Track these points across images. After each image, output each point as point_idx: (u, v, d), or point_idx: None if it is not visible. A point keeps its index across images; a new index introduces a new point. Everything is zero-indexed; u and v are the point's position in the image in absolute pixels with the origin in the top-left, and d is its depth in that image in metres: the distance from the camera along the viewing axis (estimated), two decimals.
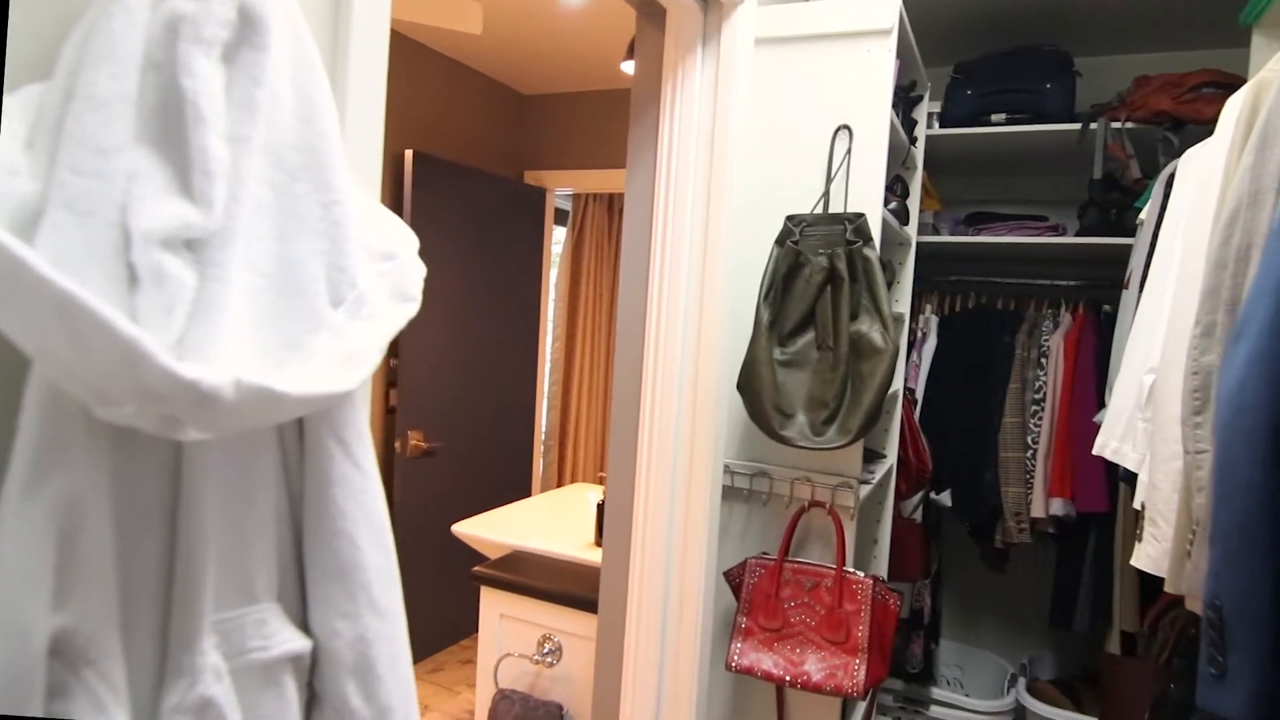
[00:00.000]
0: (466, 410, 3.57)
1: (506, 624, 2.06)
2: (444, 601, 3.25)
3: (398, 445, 3.24)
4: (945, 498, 2.46)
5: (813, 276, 1.62)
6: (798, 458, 1.72)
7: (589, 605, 1.87)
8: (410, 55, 3.26)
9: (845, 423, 1.58)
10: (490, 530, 2.31)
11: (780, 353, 1.65)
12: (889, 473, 2.14)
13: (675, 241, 1.64)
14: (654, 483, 1.71)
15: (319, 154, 0.64)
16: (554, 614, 1.98)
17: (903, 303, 2.22)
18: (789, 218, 1.66)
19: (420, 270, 0.72)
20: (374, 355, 0.63)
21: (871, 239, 1.61)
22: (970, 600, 2.83)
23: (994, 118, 2.32)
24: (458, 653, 3.56)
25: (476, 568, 2.08)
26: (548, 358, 4.14)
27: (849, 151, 1.68)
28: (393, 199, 3.21)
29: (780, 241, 1.65)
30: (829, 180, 1.69)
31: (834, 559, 1.69)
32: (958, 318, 2.67)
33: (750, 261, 1.71)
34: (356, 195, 0.70)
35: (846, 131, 1.69)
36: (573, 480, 4.14)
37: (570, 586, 1.98)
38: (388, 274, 0.69)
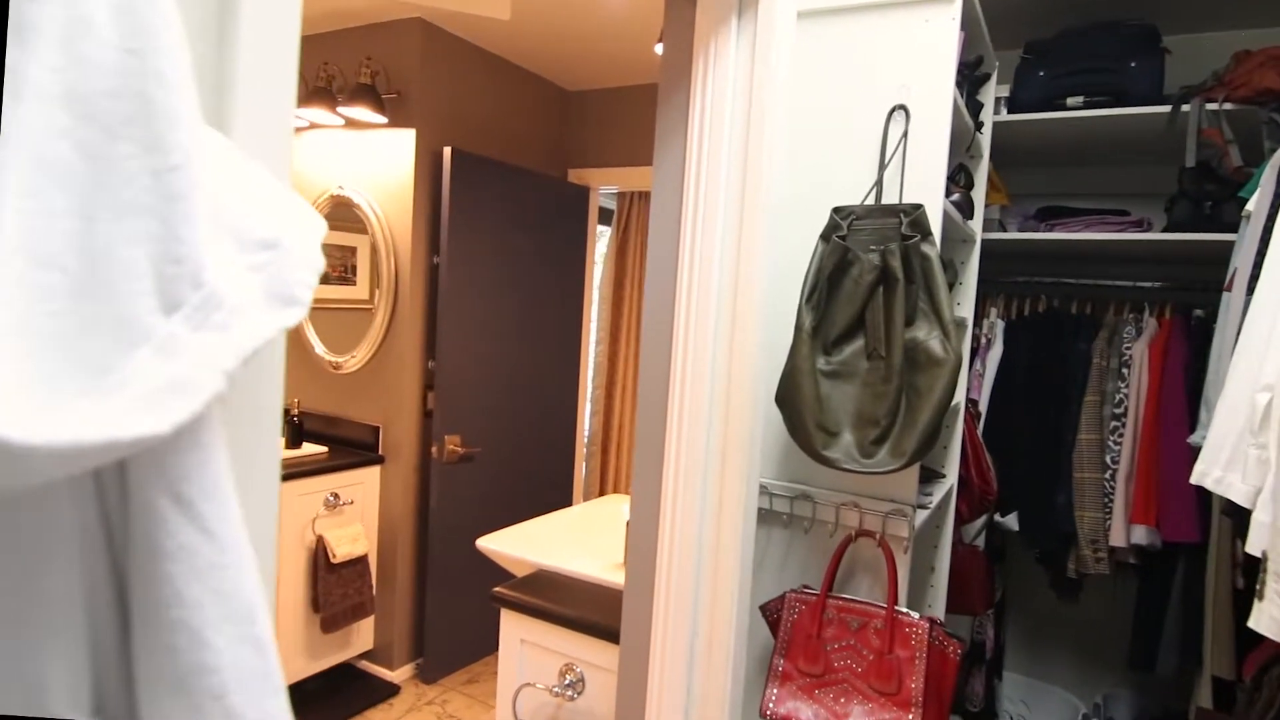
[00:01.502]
0: (506, 414, 3.41)
1: (527, 650, 1.87)
2: (479, 611, 3.09)
3: (434, 450, 3.09)
4: (1011, 522, 2.19)
5: (862, 276, 1.39)
6: (844, 480, 1.50)
7: (614, 635, 1.68)
8: (449, 51, 3.11)
9: (899, 443, 1.35)
10: (515, 546, 2.13)
11: (824, 362, 1.43)
12: (948, 495, 1.89)
13: (706, 237, 1.43)
14: (681, 503, 1.50)
15: (152, 102, 0.45)
16: (577, 642, 1.79)
17: (965, 306, 1.97)
18: (835, 210, 1.43)
19: (312, 265, 0.53)
20: (214, 380, 0.44)
21: (930, 233, 1.38)
22: (1038, 632, 2.54)
23: (1070, 101, 2.05)
24: (493, 663, 3.39)
25: (497, 588, 1.90)
26: (591, 360, 3.96)
27: (905, 135, 1.45)
28: (431, 198, 3.07)
29: (825, 237, 1.43)
30: (882, 168, 1.46)
31: (884, 596, 1.46)
32: (1027, 323, 2.39)
33: (791, 260, 1.49)
34: (223, 160, 0.51)
35: (902, 113, 1.46)
36: (616, 488, 3.96)
37: (594, 612, 1.78)
38: (263, 268, 0.50)
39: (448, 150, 3.00)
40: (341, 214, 3.22)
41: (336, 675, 3.16)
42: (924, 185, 1.44)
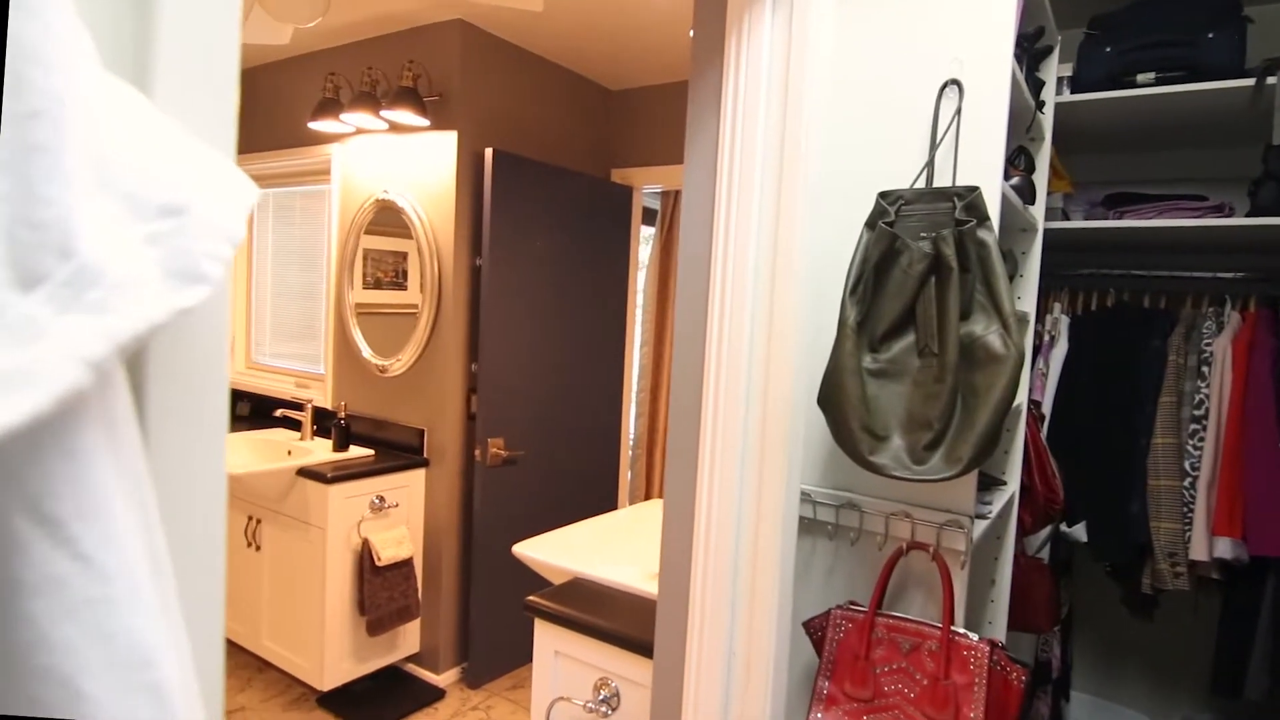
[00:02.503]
0: (549, 418, 3.33)
1: (562, 663, 1.77)
2: (524, 616, 2.99)
3: (478, 453, 3.02)
4: (1079, 532, 2.02)
5: (912, 266, 1.26)
6: (894, 488, 1.36)
7: (651, 649, 1.57)
8: (490, 52, 3.05)
9: (954, 448, 1.21)
10: (551, 553, 2.04)
11: (871, 360, 1.30)
12: (1010, 503, 1.73)
13: (740, 227, 1.32)
14: (716, 511, 1.39)
15: (14, 38, 0.36)
16: (612, 656, 1.68)
17: (1027, 300, 1.81)
18: (882, 194, 1.31)
19: (227, 236, 0.43)
20: (70, 373, 0.35)
21: (987, 218, 1.24)
22: (1109, 651, 2.35)
23: (1140, 78, 1.87)
24: None
25: (530, 597, 1.81)
26: (635, 363, 3.86)
27: (958, 112, 1.31)
28: (473, 200, 3.01)
29: (871, 224, 1.30)
30: (933, 148, 1.32)
31: (939, 614, 1.32)
32: (1094, 318, 2.21)
33: (833, 250, 1.37)
34: (123, 112, 0.42)
35: (955, 88, 1.32)
36: (661, 492, 3.84)
37: (631, 624, 1.68)
38: (164, 239, 0.41)
39: (489, 151, 2.94)
40: (387, 219, 3.18)
41: (383, 678, 3.12)
42: (980, 166, 1.30)
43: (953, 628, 1.29)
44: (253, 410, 3.84)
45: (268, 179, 3.88)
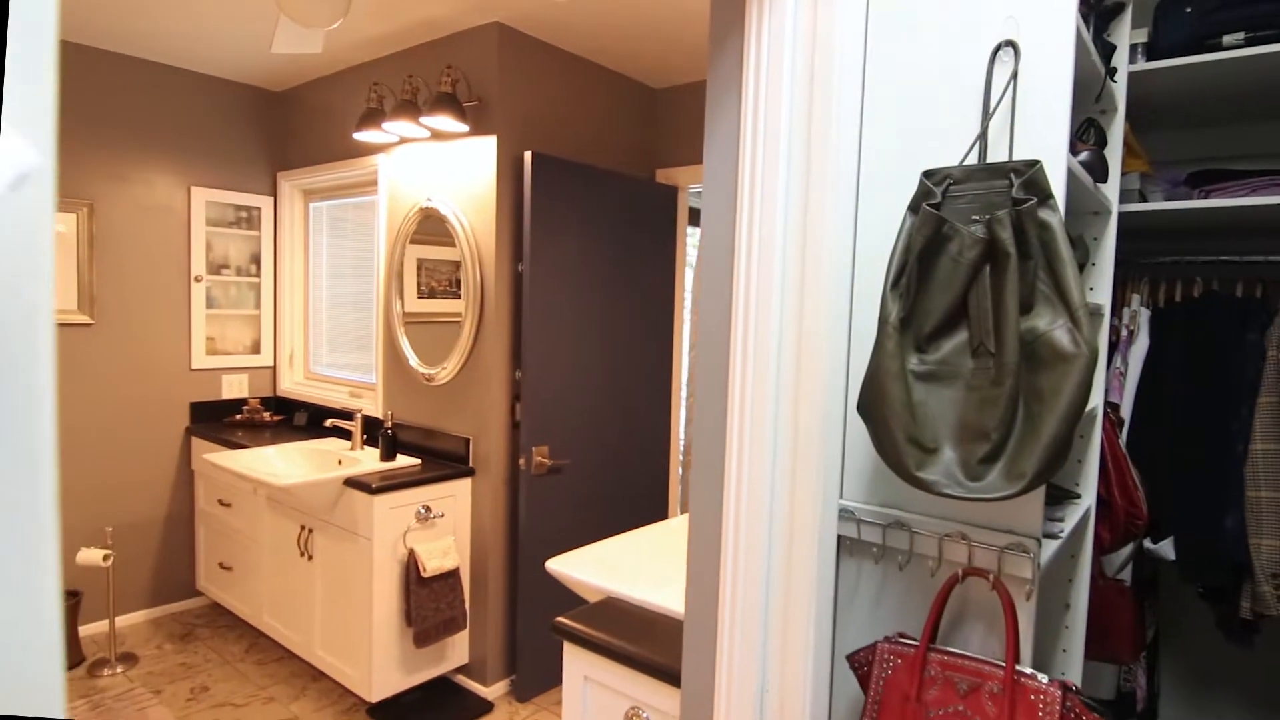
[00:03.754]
0: (595, 425, 3.20)
1: (592, 690, 1.63)
2: None
3: (522, 462, 2.91)
4: (1166, 549, 1.77)
5: (963, 253, 1.08)
6: (948, 505, 1.18)
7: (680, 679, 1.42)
8: (528, 53, 2.94)
9: (1016, 462, 1.03)
10: (585, 569, 1.90)
11: (917, 362, 1.12)
12: (1085, 518, 1.52)
13: (765, 217, 1.16)
14: (745, 530, 1.23)
15: None
16: (644, 685, 1.53)
17: (1101, 291, 1.60)
18: (926, 174, 1.13)
19: None
20: None
21: (1051, 196, 1.06)
22: (1201, 681, 2.08)
23: (1226, 40, 1.63)
24: None
25: (559, 618, 1.68)
26: (684, 367, 3.70)
27: (1014, 77, 1.13)
28: (513, 205, 2.90)
29: (914, 207, 1.13)
30: (986, 117, 1.14)
31: (1002, 650, 1.14)
32: (1179, 310, 1.96)
33: (871, 236, 1.20)
34: None
35: (1011, 50, 1.13)
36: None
37: (665, 650, 1.52)
38: None
39: (528, 155, 2.83)
40: (431, 227, 3.10)
41: (433, 689, 3.03)
42: (1041, 139, 1.11)
43: (1018, 667, 1.10)
44: (309, 420, 3.82)
45: (321, 192, 3.87)
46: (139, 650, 3.39)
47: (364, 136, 3.10)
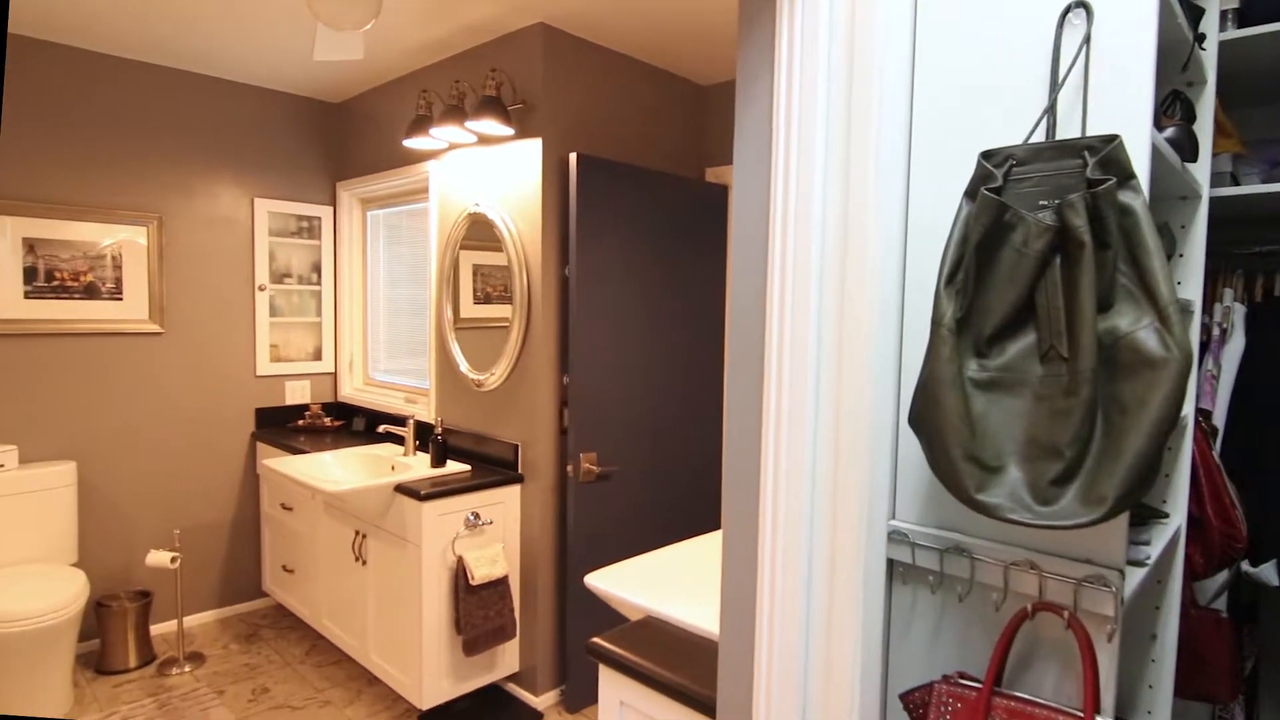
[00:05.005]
0: (645, 431, 3.08)
1: (629, 716, 1.52)
2: None
3: (570, 469, 2.82)
4: (1268, 573, 1.56)
5: (1029, 243, 0.93)
6: (1014, 529, 1.03)
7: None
8: (573, 53, 2.85)
9: (1094, 483, 0.87)
10: (625, 586, 1.79)
11: (977, 368, 0.97)
12: (1174, 540, 1.33)
13: (801, 207, 1.03)
14: (782, 552, 1.10)
15: None
16: (682, 716, 1.41)
17: (1189, 285, 1.41)
18: (985, 155, 0.98)
19: None
20: None
21: (1133, 176, 0.90)
22: None
23: None
24: None
25: (595, 639, 1.56)
26: None
27: (1087, 40, 0.97)
28: (559, 208, 2.81)
29: (971, 192, 0.98)
30: (1054, 88, 0.98)
31: (1079, 695, 0.98)
32: (1277, 306, 1.74)
33: (924, 226, 1.05)
34: None
35: (1082, 11, 0.98)
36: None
37: (704, 678, 1.40)
38: None
39: (573, 156, 2.74)
40: (479, 232, 3.04)
41: (484, 697, 2.96)
42: (1119, 111, 0.95)
43: (1098, 717, 0.94)
44: (367, 425, 3.81)
45: (378, 200, 3.86)
46: (206, 650, 3.42)
47: (414, 143, 3.06)
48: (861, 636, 1.06)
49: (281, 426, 3.88)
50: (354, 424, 3.88)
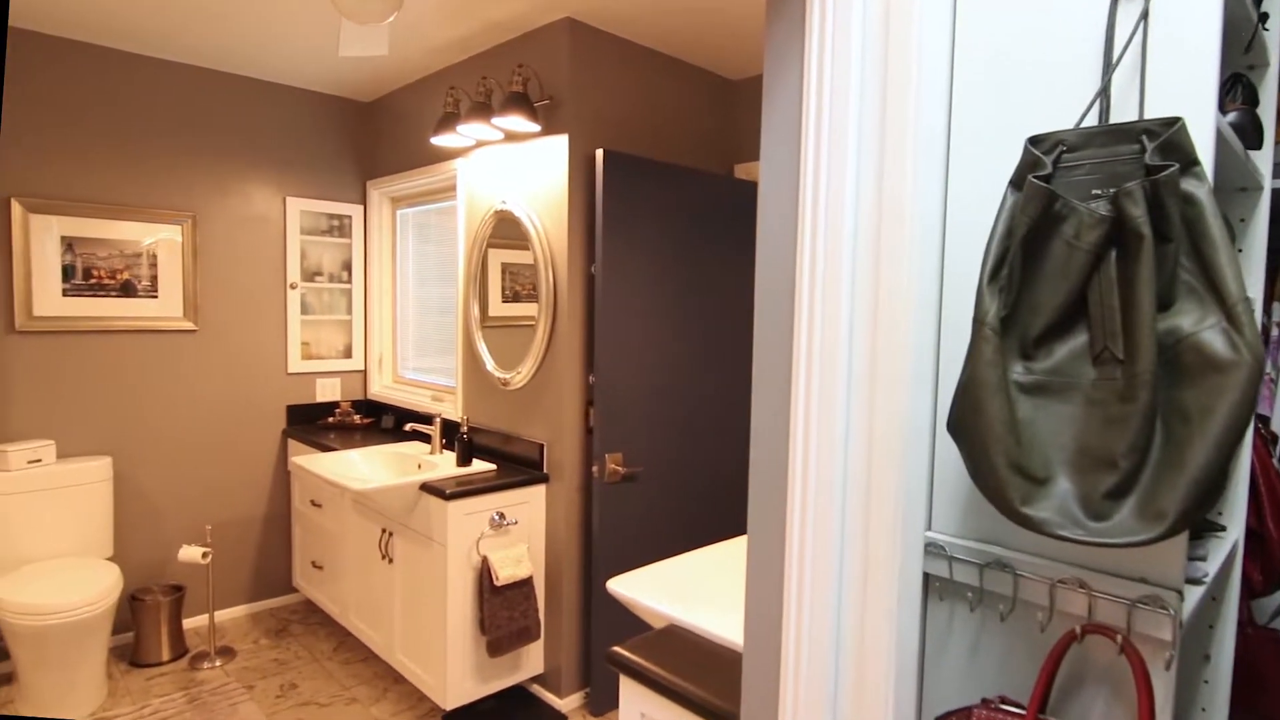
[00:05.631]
0: (673, 432, 3.02)
1: None
2: None
3: (595, 469, 2.77)
4: None
5: (1082, 235, 0.85)
6: (1063, 544, 0.95)
7: None
8: (599, 48, 2.79)
9: (1153, 498, 0.79)
10: (648, 592, 1.73)
11: (1023, 371, 0.90)
12: (1232, 554, 1.24)
13: (832, 198, 0.96)
14: (810, 563, 1.03)
15: None
16: None
17: (1249, 283, 1.31)
18: (1033, 140, 0.90)
19: None
20: None
21: (1196, 163, 0.81)
22: None
23: None
24: None
25: (615, 648, 1.51)
26: None
27: (1144, 16, 0.89)
28: (585, 205, 2.76)
29: (1017, 181, 0.90)
30: (1109, 69, 0.90)
31: None
32: None
33: (963, 218, 0.97)
34: None
35: None
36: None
37: (728, 692, 1.33)
38: None
39: (599, 152, 2.68)
40: (506, 230, 3.00)
41: (508, 698, 2.92)
42: (1181, 93, 0.87)
43: None
44: (396, 423, 3.80)
45: (407, 199, 3.85)
46: (237, 644, 3.43)
47: (441, 141, 3.03)
48: (895, 655, 0.99)
49: (312, 423, 3.88)
50: (383, 421, 3.86)
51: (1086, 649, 0.94)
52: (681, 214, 2.96)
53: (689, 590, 1.75)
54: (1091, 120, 0.90)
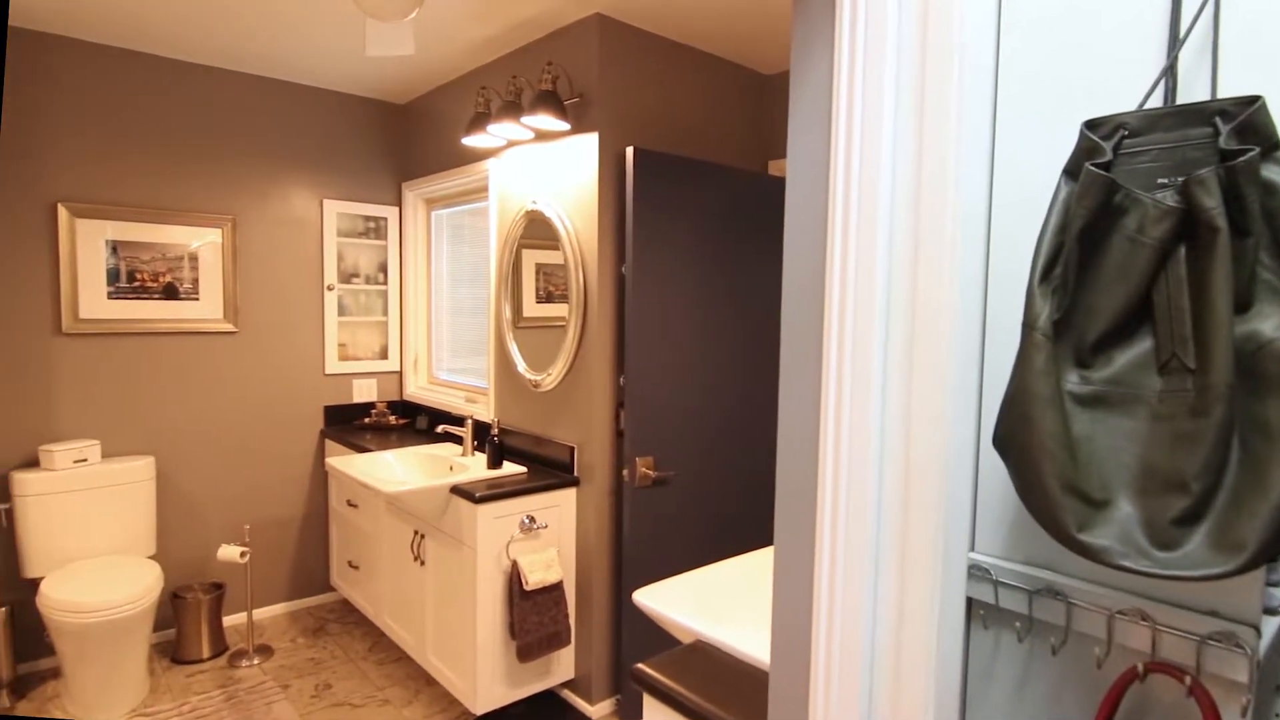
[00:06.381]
0: (706, 435, 2.94)
1: None
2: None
3: (625, 473, 2.70)
4: None
5: (1146, 229, 0.76)
6: (1121, 573, 0.85)
7: None
8: (629, 44, 2.72)
9: (1229, 525, 0.70)
10: (675, 605, 1.65)
11: (1078, 380, 0.80)
12: None
13: (866, 176, 0.87)
14: (841, 584, 0.94)
15: None
16: None
17: None
18: (1089, 124, 0.81)
19: None
20: None
21: (1279, 146, 0.72)
22: None
23: None
24: None
25: (640, 665, 1.44)
26: None
27: None
28: (616, 204, 2.70)
29: (1073, 169, 0.81)
30: (1176, 44, 0.80)
31: None
32: None
33: (1010, 211, 0.88)
34: None
35: None
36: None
37: (754, 716, 1.26)
38: None
39: (629, 150, 2.61)
40: (537, 230, 2.95)
41: (538, 703, 2.88)
42: (1258, 71, 0.77)
43: None
44: (430, 424, 3.78)
45: (441, 200, 3.83)
46: (275, 642, 3.44)
47: (472, 141, 2.99)
48: (935, 687, 0.90)
49: (349, 424, 3.88)
50: (418, 422, 3.85)
51: (1149, 688, 0.84)
52: (714, 212, 2.88)
53: (718, 604, 1.67)
54: (1155, 101, 0.80)
